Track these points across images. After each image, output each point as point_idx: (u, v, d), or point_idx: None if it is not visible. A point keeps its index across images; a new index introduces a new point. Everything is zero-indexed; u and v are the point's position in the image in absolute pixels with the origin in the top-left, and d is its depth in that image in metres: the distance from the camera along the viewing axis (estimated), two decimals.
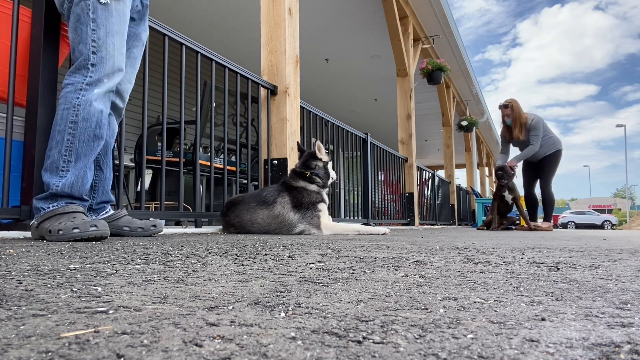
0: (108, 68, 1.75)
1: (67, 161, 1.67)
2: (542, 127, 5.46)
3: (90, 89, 1.70)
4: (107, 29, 1.74)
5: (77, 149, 1.68)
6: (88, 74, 1.71)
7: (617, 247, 1.90)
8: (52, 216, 1.61)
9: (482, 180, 16.84)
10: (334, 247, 1.56)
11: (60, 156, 1.66)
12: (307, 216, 2.69)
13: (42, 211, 1.63)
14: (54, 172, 1.66)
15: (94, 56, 1.71)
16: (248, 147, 3.36)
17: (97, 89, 1.72)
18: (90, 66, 1.71)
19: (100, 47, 1.72)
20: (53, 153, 1.67)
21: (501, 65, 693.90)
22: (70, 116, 1.68)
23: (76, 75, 1.71)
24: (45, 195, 1.66)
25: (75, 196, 1.69)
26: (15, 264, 0.87)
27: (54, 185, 1.65)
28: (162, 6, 6.50)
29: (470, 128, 10.82)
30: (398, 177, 6.70)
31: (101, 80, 1.73)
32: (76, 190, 1.69)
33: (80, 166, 1.70)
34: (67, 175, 1.67)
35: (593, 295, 0.66)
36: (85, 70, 1.71)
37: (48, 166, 1.67)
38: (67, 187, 1.66)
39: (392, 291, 0.67)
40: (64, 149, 1.67)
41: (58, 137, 1.67)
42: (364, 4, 6.72)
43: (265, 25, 3.51)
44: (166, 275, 0.78)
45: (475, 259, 1.19)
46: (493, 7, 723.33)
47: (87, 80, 1.70)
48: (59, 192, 1.65)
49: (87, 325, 0.43)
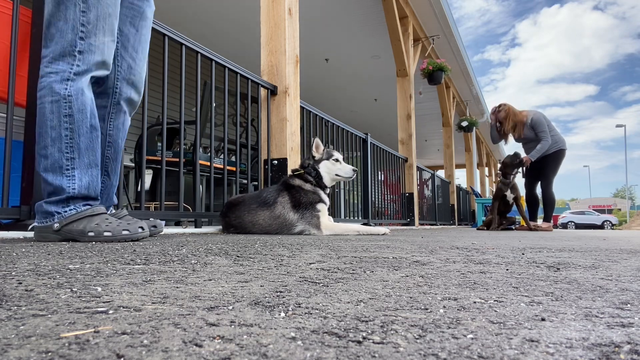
0: (97, 57, 1.58)
1: (70, 158, 1.55)
2: (545, 122, 5.47)
3: (77, 78, 1.55)
4: (99, 12, 1.55)
5: (78, 144, 1.56)
6: (75, 62, 1.54)
7: (617, 247, 1.90)
8: (81, 218, 1.54)
9: (482, 180, 16.84)
10: (334, 247, 1.56)
11: (61, 154, 1.54)
12: (306, 216, 2.68)
13: (57, 215, 1.54)
14: (58, 173, 1.54)
15: (82, 42, 1.53)
16: (248, 147, 3.36)
17: (85, 77, 1.57)
18: (77, 53, 1.53)
19: (90, 33, 1.54)
20: (52, 152, 1.54)
21: (500, 65, 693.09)
22: (63, 109, 1.53)
23: (60, 63, 1.53)
24: (60, 199, 1.55)
25: (91, 197, 1.62)
26: (15, 264, 0.87)
27: (70, 188, 1.55)
28: (162, 6, 6.50)
29: (470, 128, 10.83)
30: (398, 177, 6.70)
31: (89, 70, 1.57)
32: (92, 191, 1.62)
33: (87, 163, 1.59)
34: (77, 175, 1.57)
35: (593, 296, 0.66)
36: (72, 57, 1.53)
37: (49, 166, 1.54)
38: (84, 189, 1.58)
39: (392, 291, 0.67)
40: (64, 146, 1.54)
41: (53, 134, 1.53)
42: (363, 4, 6.72)
43: (265, 25, 3.51)
44: (166, 276, 0.78)
45: (475, 259, 1.19)
46: (493, 7, 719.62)
47: (74, 70, 1.54)
48: (76, 194, 1.56)
49: (87, 325, 0.43)
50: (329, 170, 2.87)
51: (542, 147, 5.41)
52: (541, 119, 5.48)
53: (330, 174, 2.88)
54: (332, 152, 2.92)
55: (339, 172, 2.90)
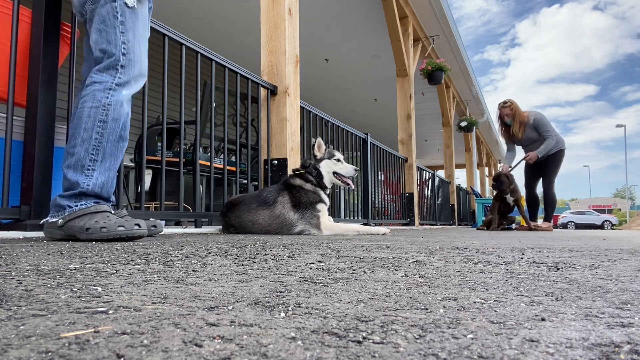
0: (136, 71, 1.76)
1: (94, 160, 1.65)
2: (548, 121, 5.49)
3: (119, 89, 1.71)
4: (135, 33, 1.75)
5: (104, 149, 1.67)
6: (117, 74, 1.70)
7: (617, 247, 1.90)
8: (84, 214, 1.59)
9: (482, 180, 16.84)
10: (334, 247, 1.56)
11: (87, 154, 1.64)
12: (306, 216, 2.68)
13: (68, 209, 1.61)
14: (79, 170, 1.64)
15: (124, 58, 1.71)
16: (248, 147, 3.36)
17: (126, 91, 1.73)
18: (120, 67, 1.71)
19: (129, 50, 1.73)
20: (79, 151, 1.64)
21: (500, 65, 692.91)
22: (100, 115, 1.66)
23: (104, 75, 1.70)
24: (73, 194, 1.63)
25: (103, 196, 1.68)
26: (15, 264, 0.87)
27: (84, 184, 1.63)
28: (162, 6, 6.50)
29: (470, 128, 10.83)
30: (398, 177, 6.70)
31: (129, 82, 1.74)
32: (105, 191, 1.69)
33: (107, 166, 1.69)
34: (95, 175, 1.65)
35: (593, 296, 0.66)
36: (115, 70, 1.70)
37: (72, 164, 1.64)
38: (97, 187, 1.65)
39: (392, 291, 0.67)
40: (91, 148, 1.65)
41: (85, 135, 1.65)
42: (364, 4, 6.72)
43: (265, 26, 3.51)
44: (166, 276, 0.78)
45: (475, 259, 1.19)
46: (493, 7, 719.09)
47: (116, 81, 1.70)
48: (88, 191, 1.63)
49: (87, 325, 0.43)
50: (330, 169, 2.88)
51: (548, 145, 5.40)
52: (543, 119, 5.50)
53: (330, 174, 2.88)
54: (334, 152, 2.93)
55: (340, 171, 2.91)
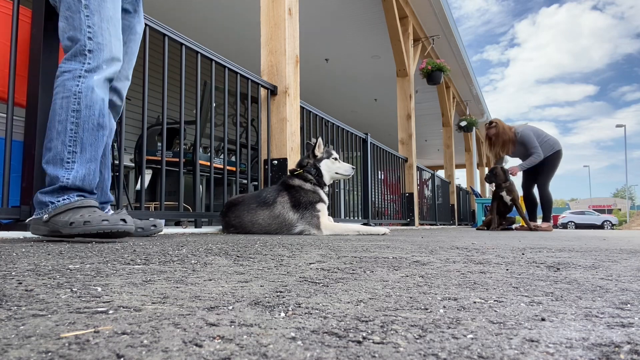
0: (106, 54, 1.67)
1: (72, 152, 1.58)
2: (533, 136, 5.55)
3: (89, 75, 1.62)
4: (102, 15, 1.66)
5: (81, 139, 1.59)
6: (86, 60, 1.62)
7: (617, 247, 1.90)
8: (68, 209, 1.53)
9: (482, 180, 16.83)
10: (334, 247, 1.56)
11: (64, 147, 1.57)
12: (306, 216, 2.68)
13: (51, 205, 1.55)
14: (59, 164, 1.57)
15: (90, 42, 1.63)
16: (248, 147, 3.36)
17: (97, 76, 1.64)
18: (88, 52, 1.62)
19: (96, 33, 1.64)
20: (55, 144, 1.57)
21: (499, 65, 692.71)
22: (72, 104, 1.58)
23: (72, 62, 1.62)
24: (54, 189, 1.56)
25: (86, 189, 1.61)
26: (15, 264, 0.87)
27: (64, 177, 1.56)
28: (162, 6, 6.50)
29: (470, 128, 10.83)
30: (398, 177, 6.70)
31: (100, 66, 1.65)
32: (87, 183, 1.61)
33: (88, 158, 1.61)
34: (75, 167, 1.58)
35: (593, 296, 0.66)
36: (82, 56, 1.62)
37: (51, 159, 1.57)
38: (78, 180, 1.58)
39: (392, 291, 0.67)
40: (67, 139, 1.57)
41: (59, 127, 1.57)
42: (363, 4, 6.72)
43: (265, 26, 3.51)
44: (166, 276, 0.78)
45: (475, 259, 1.19)
46: (492, 7, 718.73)
47: (85, 67, 1.62)
48: (69, 185, 1.56)
49: (87, 326, 0.43)
50: (329, 168, 2.93)
51: (532, 161, 5.53)
52: (529, 134, 5.55)
53: (330, 172, 2.94)
54: (331, 151, 2.99)
55: (338, 170, 2.98)
